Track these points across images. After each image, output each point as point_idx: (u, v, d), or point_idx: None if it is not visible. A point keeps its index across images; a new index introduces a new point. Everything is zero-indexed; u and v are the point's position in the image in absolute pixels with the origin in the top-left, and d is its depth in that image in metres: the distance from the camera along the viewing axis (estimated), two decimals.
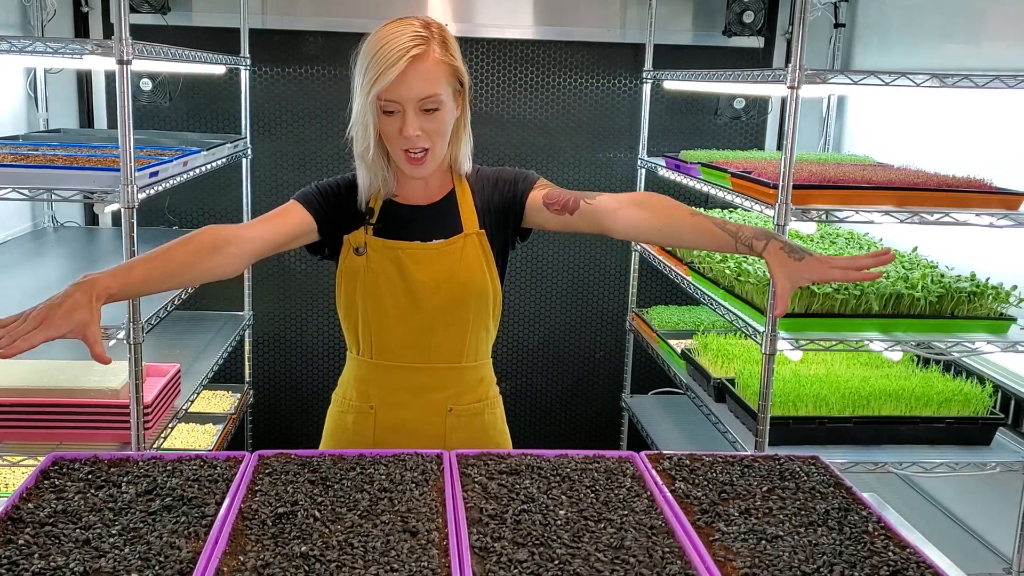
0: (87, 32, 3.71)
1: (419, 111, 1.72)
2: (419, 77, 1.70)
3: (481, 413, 1.94)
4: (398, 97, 1.70)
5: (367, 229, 1.84)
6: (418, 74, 1.70)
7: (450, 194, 1.89)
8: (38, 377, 2.43)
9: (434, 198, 1.88)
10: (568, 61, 3.99)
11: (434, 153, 1.77)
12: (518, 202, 1.88)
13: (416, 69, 1.69)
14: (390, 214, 1.86)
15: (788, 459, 1.69)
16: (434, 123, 1.74)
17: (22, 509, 1.41)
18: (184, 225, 3.88)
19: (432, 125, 1.74)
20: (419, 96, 1.71)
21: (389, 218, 1.86)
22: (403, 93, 1.70)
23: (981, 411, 2.61)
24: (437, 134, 1.76)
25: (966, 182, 2.54)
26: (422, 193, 1.88)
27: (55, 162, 2.29)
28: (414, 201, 1.88)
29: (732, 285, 2.72)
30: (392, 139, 1.76)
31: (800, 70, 2.21)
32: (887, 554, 1.35)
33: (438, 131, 1.76)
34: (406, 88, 1.70)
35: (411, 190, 1.88)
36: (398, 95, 1.70)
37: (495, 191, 1.90)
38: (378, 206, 1.86)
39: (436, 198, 1.88)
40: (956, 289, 2.49)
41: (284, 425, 4.14)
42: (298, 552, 1.29)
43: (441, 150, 1.79)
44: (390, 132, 1.75)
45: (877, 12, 3.63)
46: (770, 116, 4.16)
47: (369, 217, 1.85)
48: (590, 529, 1.39)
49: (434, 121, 1.74)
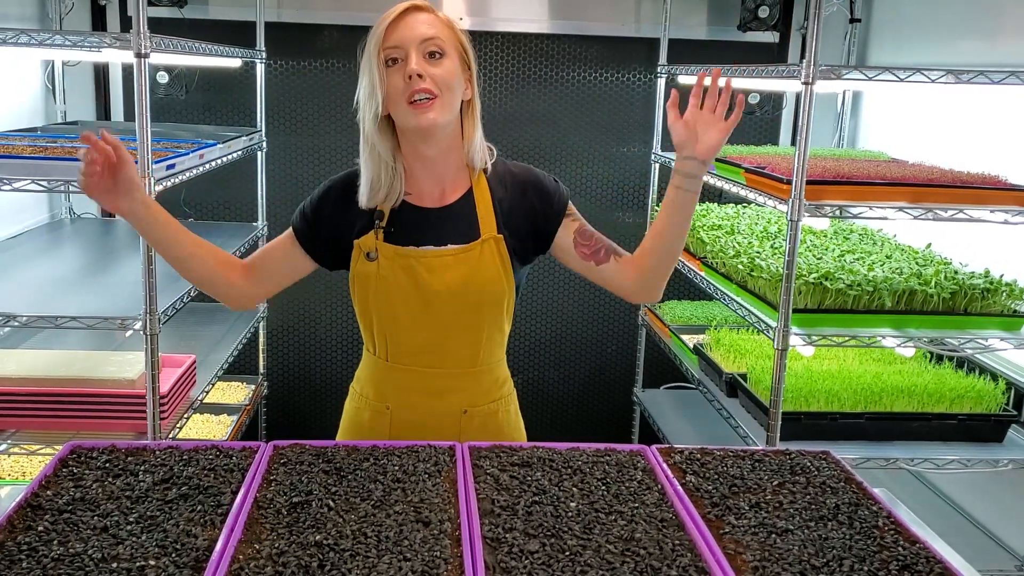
0: (104, 25, 3.74)
1: (423, 55, 1.69)
2: (420, 21, 1.71)
3: (495, 412, 1.91)
4: (399, 40, 1.69)
5: (377, 234, 1.78)
6: (419, 19, 1.71)
7: (467, 194, 1.81)
8: (55, 367, 2.46)
9: (448, 199, 1.81)
10: (582, 55, 3.99)
11: (443, 103, 1.69)
12: (549, 228, 1.83)
13: (416, 15, 1.71)
14: (402, 217, 1.79)
15: (799, 454, 1.69)
16: (439, 70, 1.69)
17: (41, 496, 1.43)
18: (199, 218, 3.90)
19: (437, 71, 1.69)
20: (421, 36, 1.69)
21: (401, 222, 1.79)
22: (404, 33, 1.69)
23: (994, 408, 2.60)
24: (444, 83, 1.69)
25: (980, 178, 2.53)
26: (436, 193, 1.80)
27: (74, 154, 2.31)
28: (428, 203, 1.80)
29: (745, 280, 2.72)
30: (396, 92, 1.70)
31: (815, 65, 2.21)
32: (897, 549, 1.35)
33: (445, 80, 1.70)
34: (407, 27, 1.69)
35: (424, 190, 1.80)
36: (399, 38, 1.69)
37: (523, 198, 1.82)
38: (388, 209, 1.79)
39: (451, 199, 1.81)
40: (970, 286, 2.48)
41: (298, 416, 4.16)
42: (312, 541, 1.31)
43: (449, 105, 1.71)
44: (394, 83, 1.70)
45: (893, 7, 3.62)
46: (785, 111, 4.16)
47: (379, 220, 1.78)
48: (601, 521, 1.40)
49: (439, 67, 1.70)
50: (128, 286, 2.62)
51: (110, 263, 3.03)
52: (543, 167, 1.92)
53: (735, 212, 3.57)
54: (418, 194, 1.81)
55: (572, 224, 1.85)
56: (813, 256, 2.74)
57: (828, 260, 2.68)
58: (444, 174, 1.81)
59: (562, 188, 1.87)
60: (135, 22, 2.10)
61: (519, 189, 1.84)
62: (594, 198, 4.11)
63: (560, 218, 1.84)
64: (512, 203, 1.83)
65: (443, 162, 1.79)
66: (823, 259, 2.70)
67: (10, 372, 2.38)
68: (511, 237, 1.81)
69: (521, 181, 1.85)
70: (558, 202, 1.84)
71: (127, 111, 3.84)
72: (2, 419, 2.38)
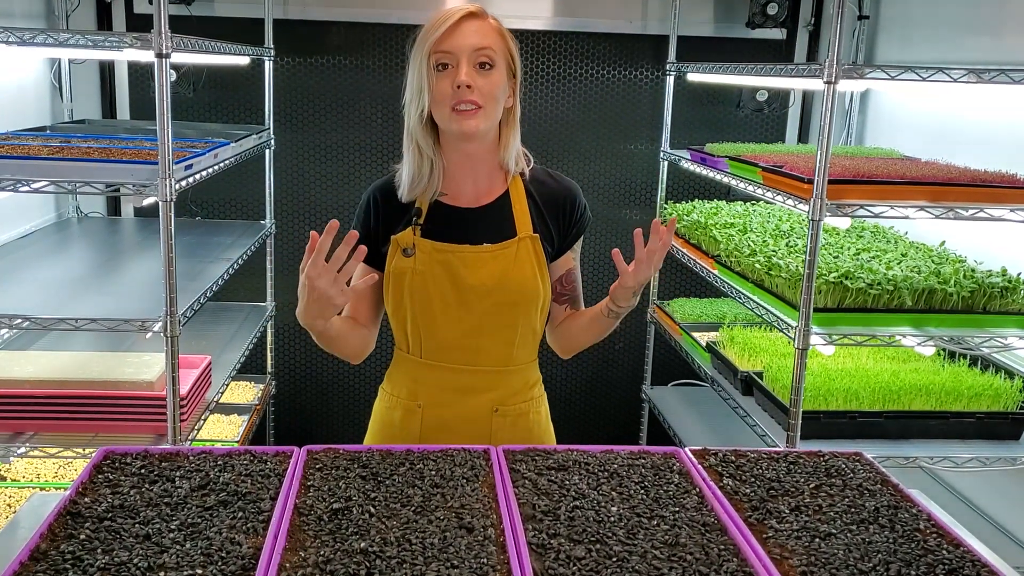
0: (110, 22, 3.71)
1: (473, 65, 1.72)
2: (473, 30, 1.73)
3: (527, 413, 1.93)
4: (452, 46, 1.71)
5: (415, 230, 1.81)
6: (473, 28, 1.73)
7: (502, 197, 1.85)
8: (73, 369, 2.44)
9: (484, 200, 1.84)
10: (590, 52, 3.99)
11: (486, 114, 1.73)
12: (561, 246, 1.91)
13: (471, 23, 1.73)
14: (439, 215, 1.83)
15: (832, 455, 1.69)
16: (487, 81, 1.72)
17: (79, 504, 1.42)
18: (208, 216, 3.88)
19: (485, 83, 1.72)
20: (473, 46, 1.71)
21: (438, 219, 1.82)
22: (458, 41, 1.71)
23: (1011, 405, 2.61)
24: (489, 95, 1.73)
25: (999, 177, 2.53)
26: (472, 194, 1.84)
27: (91, 155, 2.30)
28: (464, 203, 1.84)
29: (762, 279, 2.72)
30: (443, 97, 1.72)
31: (838, 65, 2.20)
32: (941, 552, 1.35)
33: (491, 92, 1.73)
34: (461, 36, 1.71)
35: (461, 191, 1.84)
36: (452, 44, 1.71)
37: (555, 206, 1.88)
38: (425, 206, 1.83)
39: (486, 201, 1.84)
40: (988, 284, 2.49)
41: (305, 416, 4.14)
42: (358, 548, 1.30)
43: (492, 115, 1.75)
44: (442, 89, 1.72)
45: (901, 4, 3.62)
46: (791, 109, 4.16)
47: (417, 218, 1.82)
48: (644, 526, 1.39)
49: (487, 79, 1.72)
50: (142, 286, 2.61)
51: (121, 263, 3.01)
52: (552, 164, 1.96)
53: (745, 210, 3.56)
54: (454, 194, 1.84)
55: (570, 257, 1.94)
56: (830, 255, 2.74)
57: (845, 259, 2.68)
58: (480, 175, 1.84)
59: (588, 216, 1.94)
60: (156, 22, 2.09)
61: (555, 196, 1.89)
62: (602, 195, 4.10)
63: (572, 242, 1.93)
64: (546, 207, 1.87)
65: (480, 163, 1.83)
66: (840, 258, 2.70)
67: (28, 375, 2.36)
68: (544, 236, 1.85)
69: (563, 188, 1.91)
70: (579, 226, 1.92)
71: (133, 110, 3.81)
72: (20, 422, 2.36)
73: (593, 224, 4.07)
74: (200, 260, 2.97)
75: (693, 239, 3.40)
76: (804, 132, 4.18)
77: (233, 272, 2.92)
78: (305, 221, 4.00)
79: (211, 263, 2.93)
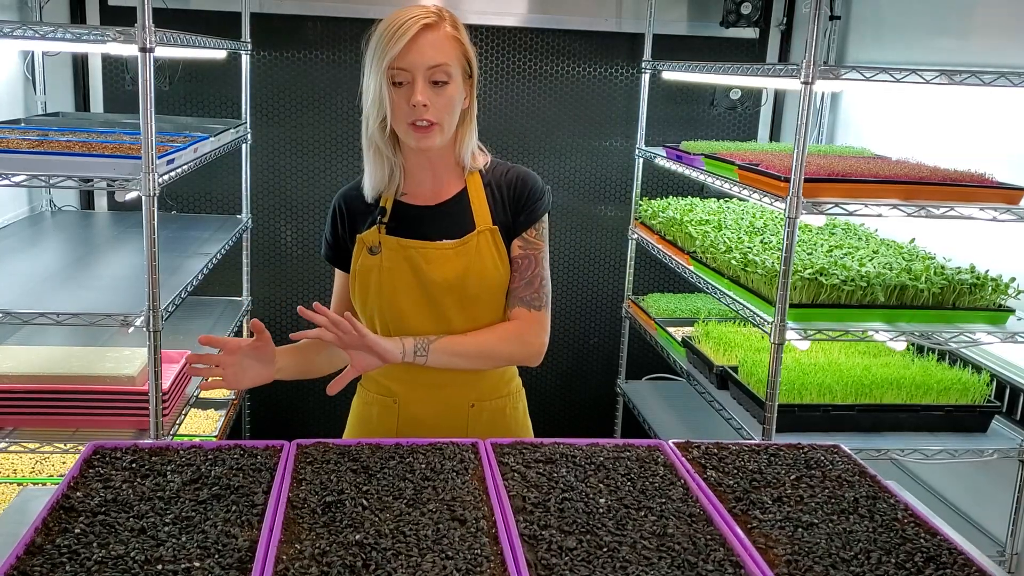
0: (83, 15, 3.68)
1: (428, 82, 1.73)
2: (429, 45, 1.73)
3: (503, 408, 1.96)
4: (408, 64, 1.72)
5: (380, 228, 1.84)
6: (428, 42, 1.73)
7: (460, 193, 1.88)
8: (53, 364, 2.43)
9: (443, 197, 1.87)
10: (565, 49, 4.01)
11: (441, 129, 1.76)
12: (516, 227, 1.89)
13: (427, 37, 1.73)
14: (401, 214, 1.86)
15: (811, 447, 1.74)
16: (442, 98, 1.74)
17: (72, 498, 1.42)
18: (183, 210, 3.87)
19: (440, 100, 1.74)
20: (429, 63, 1.72)
21: (400, 218, 1.86)
22: (414, 59, 1.71)
23: (978, 399, 2.68)
24: (445, 110, 1.75)
25: (968, 176, 2.59)
26: (431, 192, 1.87)
27: (72, 148, 2.28)
28: (423, 201, 1.87)
29: (738, 276, 2.76)
30: (400, 113, 1.74)
31: (815, 65, 2.25)
32: (919, 541, 1.40)
33: (446, 107, 1.75)
34: (417, 53, 1.71)
35: (420, 190, 1.87)
36: (408, 62, 1.71)
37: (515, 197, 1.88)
38: (389, 204, 1.86)
39: (445, 198, 1.88)
40: (958, 281, 2.55)
41: (281, 411, 4.14)
42: (353, 540, 1.32)
43: (448, 128, 1.78)
44: (399, 105, 1.74)
45: (871, 5, 3.68)
46: (763, 107, 4.21)
47: (381, 216, 1.85)
48: (632, 517, 1.43)
49: (442, 96, 1.74)
50: (120, 280, 2.60)
51: (97, 257, 3.00)
52: (527, 161, 1.98)
53: (719, 207, 3.61)
54: (413, 193, 1.88)
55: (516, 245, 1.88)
56: (804, 251, 2.80)
57: (819, 256, 2.73)
58: (438, 173, 1.87)
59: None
60: (140, 16, 2.08)
61: (510, 183, 1.90)
62: (578, 192, 4.14)
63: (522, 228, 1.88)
64: (506, 197, 1.89)
65: (439, 162, 1.86)
66: (814, 255, 2.75)
67: (8, 370, 2.35)
68: (503, 226, 1.88)
69: (517, 174, 1.91)
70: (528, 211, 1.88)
71: (107, 102, 3.78)
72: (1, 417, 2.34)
73: (569, 220, 4.16)
74: (178, 254, 2.96)
75: (668, 235, 3.44)
76: (776, 130, 4.25)
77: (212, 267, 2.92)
78: (281, 215, 3.99)
79: (189, 258, 2.92)
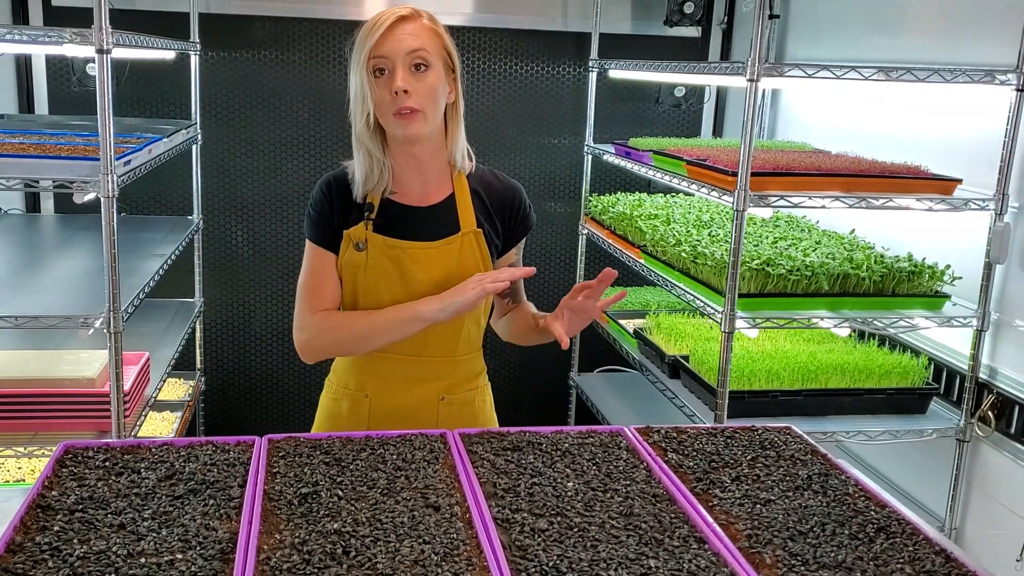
0: (26, 16, 3.63)
1: (408, 68, 1.76)
2: (407, 32, 1.77)
3: (472, 401, 2.01)
4: (387, 51, 1.75)
5: (367, 224, 1.86)
6: (406, 30, 1.77)
7: (449, 197, 1.91)
8: (10, 368, 2.41)
9: (432, 200, 1.90)
10: (512, 49, 4.06)
11: (425, 117, 1.78)
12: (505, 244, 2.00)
13: (404, 26, 1.78)
14: (389, 212, 1.88)
15: (765, 430, 1.82)
16: (423, 84, 1.77)
17: (48, 497, 1.43)
18: (133, 212, 3.83)
19: (422, 86, 1.77)
20: (407, 49, 1.76)
21: (388, 216, 1.88)
22: (392, 46, 1.75)
23: (917, 382, 2.80)
24: (427, 97, 1.78)
25: (904, 169, 2.71)
26: (420, 193, 1.90)
27: (26, 151, 2.27)
28: (413, 202, 1.90)
29: (688, 268, 2.85)
30: (384, 104, 1.78)
31: (759, 63, 2.33)
32: (870, 513, 1.48)
33: (428, 94, 1.78)
34: (394, 40, 1.75)
35: (409, 190, 1.89)
36: (387, 49, 1.75)
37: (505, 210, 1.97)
38: (377, 202, 1.88)
39: (434, 200, 1.90)
40: (897, 269, 2.66)
41: (234, 411, 4.13)
42: (331, 529, 1.35)
43: (432, 117, 1.81)
44: (381, 96, 1.77)
45: (808, 4, 3.80)
46: (707, 104, 4.32)
47: (369, 213, 1.86)
48: (599, 499, 1.48)
49: (423, 82, 1.77)
50: (73, 283, 2.59)
51: (48, 260, 2.97)
52: (478, 159, 2.01)
53: (666, 202, 3.70)
54: (403, 192, 1.90)
55: (512, 254, 2.03)
56: (751, 243, 2.89)
57: (765, 247, 2.83)
58: (429, 173, 1.90)
59: (533, 217, 2.05)
60: (96, 17, 2.08)
61: (502, 196, 1.97)
62: (528, 189, 4.09)
63: (517, 240, 2.03)
64: (493, 206, 1.95)
65: (428, 163, 1.89)
66: (760, 246, 2.85)
67: None
68: (487, 236, 1.93)
69: (509, 187, 2.00)
70: (523, 225, 2.03)
71: (52, 104, 3.73)
72: None
73: None
74: (131, 256, 2.94)
75: (618, 230, 3.52)
76: (719, 126, 4.35)
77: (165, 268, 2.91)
78: (232, 216, 3.98)
79: (143, 259, 2.91)
